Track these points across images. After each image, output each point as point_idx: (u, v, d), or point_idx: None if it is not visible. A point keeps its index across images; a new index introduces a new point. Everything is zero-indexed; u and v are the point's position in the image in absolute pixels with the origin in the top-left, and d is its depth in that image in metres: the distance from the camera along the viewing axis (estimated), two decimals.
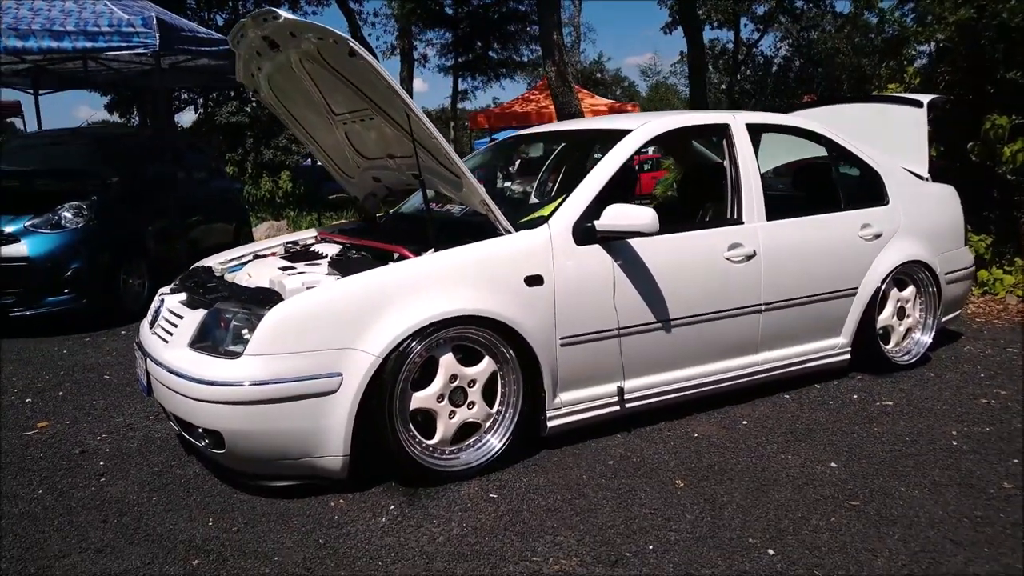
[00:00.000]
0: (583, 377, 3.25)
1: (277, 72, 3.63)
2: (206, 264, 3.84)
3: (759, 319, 3.70)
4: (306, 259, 3.57)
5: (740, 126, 3.84)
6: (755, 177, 3.76)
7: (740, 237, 3.62)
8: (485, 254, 3.06)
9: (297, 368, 2.70)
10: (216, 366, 2.74)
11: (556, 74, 10.15)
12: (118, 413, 3.89)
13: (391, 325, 2.80)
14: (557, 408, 3.20)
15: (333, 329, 2.76)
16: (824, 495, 2.82)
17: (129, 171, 6.78)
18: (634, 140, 3.53)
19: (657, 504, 2.76)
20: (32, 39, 5.92)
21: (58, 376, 4.61)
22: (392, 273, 2.92)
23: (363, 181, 4.14)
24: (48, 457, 3.34)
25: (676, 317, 3.42)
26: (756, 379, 3.79)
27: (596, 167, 3.41)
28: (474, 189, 3.10)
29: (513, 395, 3.09)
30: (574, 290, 3.16)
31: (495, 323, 2.97)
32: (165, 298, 3.35)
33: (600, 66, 44.88)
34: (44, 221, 5.77)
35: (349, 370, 2.75)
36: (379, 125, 3.44)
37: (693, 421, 3.56)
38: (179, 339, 2.97)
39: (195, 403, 2.74)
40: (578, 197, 3.29)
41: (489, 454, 3.04)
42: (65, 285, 5.76)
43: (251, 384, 2.66)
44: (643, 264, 3.33)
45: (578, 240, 3.20)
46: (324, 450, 2.78)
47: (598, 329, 3.23)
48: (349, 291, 2.83)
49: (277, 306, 2.75)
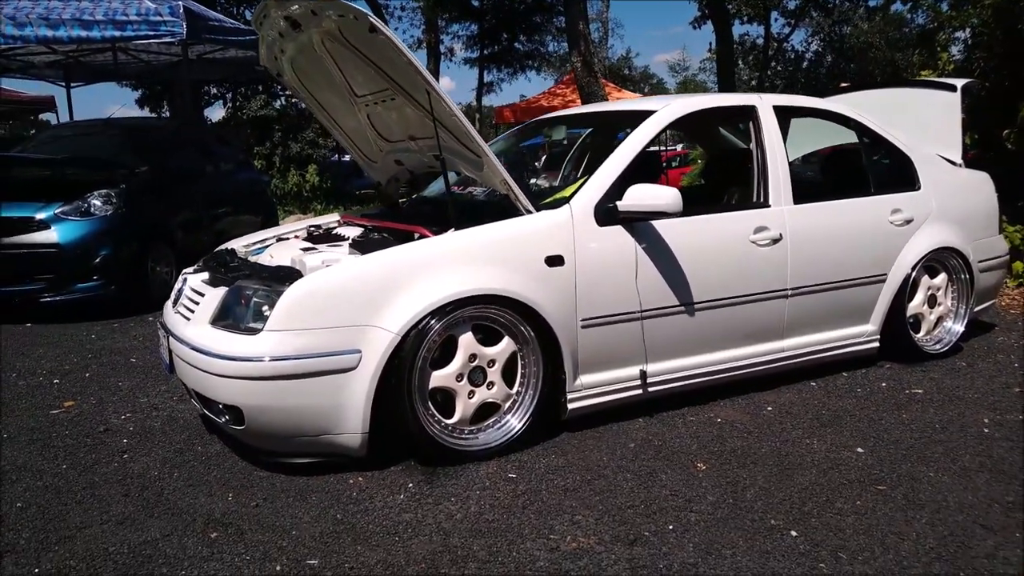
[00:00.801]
0: (604, 360, 3.21)
1: (299, 54, 3.63)
2: (229, 247, 3.86)
3: (785, 304, 3.63)
4: (328, 241, 3.57)
5: (767, 108, 3.77)
6: (782, 159, 3.70)
7: (766, 220, 3.56)
8: (506, 233, 3.04)
9: (316, 344, 2.70)
10: (236, 342, 2.74)
11: (582, 64, 10.08)
12: (143, 394, 3.93)
13: (410, 303, 2.79)
14: (578, 390, 3.16)
15: (352, 306, 2.75)
16: (849, 479, 2.76)
17: (157, 161, 6.83)
18: (658, 121, 3.49)
19: (678, 486, 2.72)
20: (63, 28, 6.01)
21: (85, 359, 4.67)
22: (412, 251, 2.91)
23: (386, 165, 4.13)
24: (73, 434, 3.37)
25: (700, 301, 3.37)
26: (781, 366, 3.73)
27: (619, 148, 3.36)
28: (495, 168, 3.08)
29: (533, 376, 3.07)
30: (595, 271, 3.13)
31: (515, 303, 2.95)
32: (188, 277, 3.37)
33: (628, 62, 44.64)
34: (74, 209, 5.82)
35: (368, 347, 2.74)
36: (401, 106, 3.43)
37: (716, 406, 3.51)
38: (200, 316, 2.98)
39: (215, 378, 2.75)
40: (600, 177, 3.25)
41: (508, 435, 3.02)
42: (94, 272, 5.81)
43: (270, 360, 2.67)
44: (666, 246, 3.28)
45: (600, 221, 3.17)
46: (343, 427, 2.77)
47: (620, 311, 3.19)
48: (368, 268, 2.82)
49: (297, 282, 2.75)
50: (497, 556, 2.29)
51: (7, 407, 3.77)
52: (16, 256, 5.66)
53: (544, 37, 25.82)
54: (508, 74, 27.55)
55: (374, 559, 2.28)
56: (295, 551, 2.34)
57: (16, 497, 2.75)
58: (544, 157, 12.61)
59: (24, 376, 4.33)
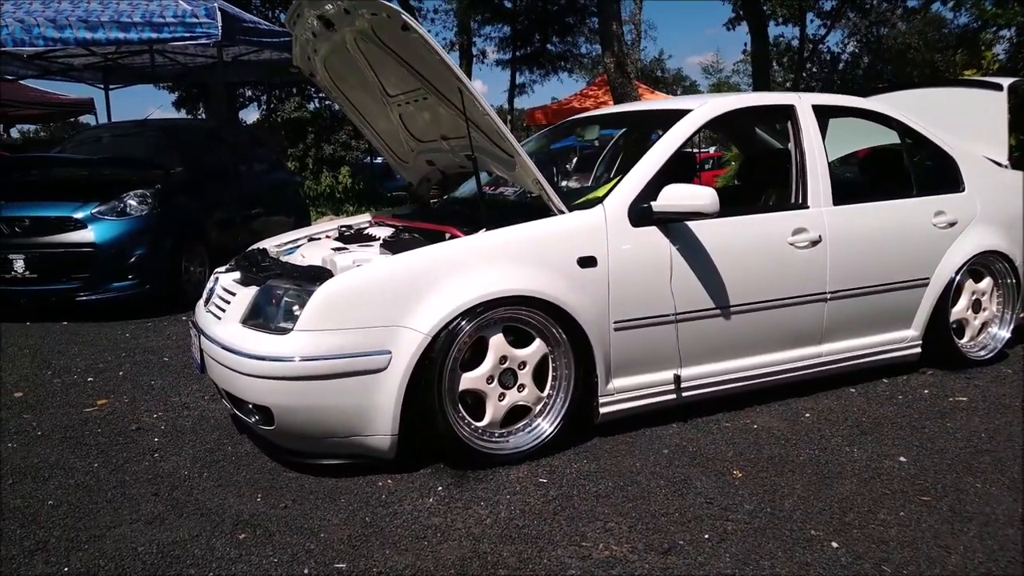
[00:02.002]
0: (638, 363, 3.15)
1: (332, 54, 3.63)
2: (261, 246, 3.86)
3: (824, 308, 3.54)
4: (359, 241, 3.56)
5: (806, 107, 3.68)
6: (821, 159, 3.61)
7: (805, 222, 3.47)
8: (537, 234, 2.99)
9: (346, 345, 2.67)
10: (267, 341, 2.73)
11: (615, 65, 9.99)
12: (174, 393, 3.95)
13: (441, 303, 2.75)
14: (610, 394, 3.10)
15: (383, 306, 2.72)
16: (892, 489, 2.66)
17: (192, 162, 6.90)
18: (694, 120, 3.42)
19: (713, 494, 2.65)
20: (101, 30, 6.08)
21: (119, 357, 4.71)
22: (442, 251, 2.87)
23: (417, 165, 4.12)
24: (105, 432, 3.39)
25: (736, 304, 3.29)
26: (820, 371, 3.63)
27: (653, 147, 3.30)
28: (528, 168, 3.03)
29: (564, 379, 3.02)
30: (629, 273, 3.07)
31: (547, 304, 2.90)
32: (220, 277, 3.37)
33: (660, 63, 44.34)
34: (110, 208, 5.89)
35: (398, 348, 2.71)
36: (433, 105, 3.41)
37: (752, 412, 3.43)
38: (231, 315, 2.98)
39: (245, 378, 2.74)
40: (634, 177, 3.19)
41: (539, 438, 2.97)
42: (129, 271, 5.88)
43: (301, 360, 2.65)
44: (702, 247, 3.21)
45: (634, 221, 3.11)
46: (372, 429, 2.75)
47: (654, 314, 3.12)
48: (399, 268, 2.79)
49: (327, 282, 2.73)
50: (527, 563, 2.24)
51: (42, 404, 3.81)
52: (53, 255, 5.75)
53: (577, 39, 25.74)
54: (540, 76, 27.54)
55: (403, 564, 2.25)
56: (323, 554, 2.31)
57: (48, 494, 2.76)
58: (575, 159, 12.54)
59: (59, 374, 4.38)
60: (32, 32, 6.17)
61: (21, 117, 14.87)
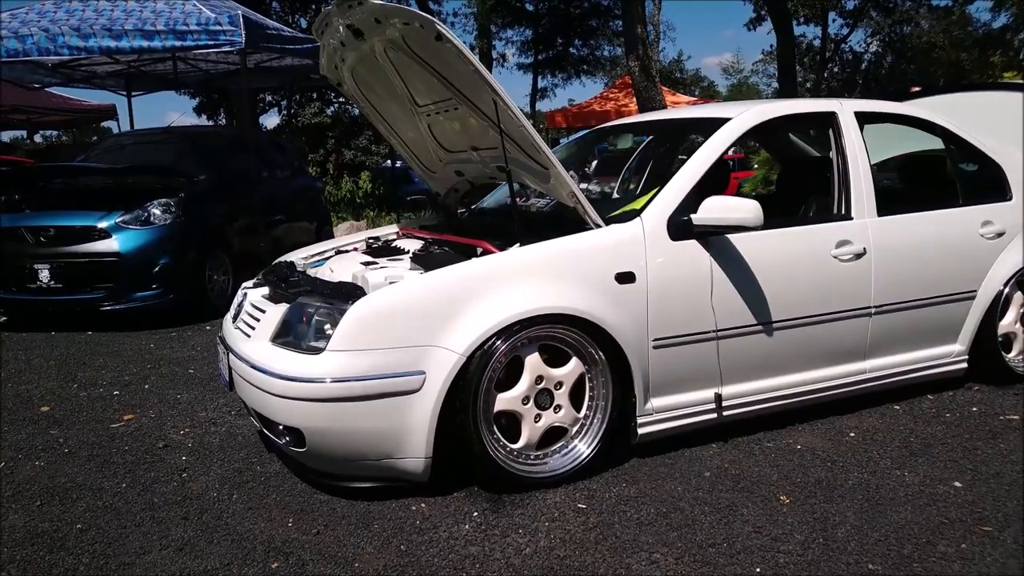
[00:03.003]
0: (677, 382, 3.05)
1: (360, 63, 3.55)
2: (288, 259, 3.80)
3: (868, 323, 3.41)
4: (388, 254, 3.48)
5: (848, 114, 3.56)
6: (865, 169, 3.49)
7: (849, 234, 3.36)
8: (574, 249, 2.90)
9: (379, 365, 2.59)
10: (298, 362, 2.65)
11: (640, 69, 9.87)
12: (201, 407, 3.89)
13: (475, 322, 2.67)
14: (649, 414, 3.00)
15: (416, 325, 2.64)
16: (950, 518, 2.54)
17: (215, 169, 6.87)
18: (733, 129, 3.31)
19: (761, 522, 2.54)
20: (125, 39, 6.06)
21: (145, 369, 4.67)
22: (476, 268, 2.79)
23: (445, 175, 4.03)
24: (132, 450, 3.34)
25: (779, 319, 3.18)
26: (863, 388, 3.51)
27: (692, 157, 3.19)
28: (563, 180, 2.94)
29: (602, 399, 2.92)
30: (668, 288, 2.97)
31: (583, 322, 2.80)
32: (248, 292, 3.31)
33: (680, 64, 44.04)
34: (134, 218, 5.87)
35: (432, 368, 2.62)
36: (464, 116, 3.32)
37: (795, 432, 3.31)
38: (261, 333, 2.90)
39: (276, 399, 2.67)
40: (673, 189, 3.09)
41: (576, 460, 2.87)
42: (153, 280, 5.86)
43: (332, 381, 2.57)
44: (743, 261, 3.11)
45: (673, 235, 3.00)
46: (406, 451, 2.66)
47: (694, 331, 3.02)
48: (432, 286, 2.71)
49: (360, 301, 2.65)
50: None
51: (69, 419, 3.76)
52: (78, 265, 5.74)
53: (600, 41, 25.59)
54: (562, 79, 27.42)
55: None
56: None
57: (76, 517, 2.70)
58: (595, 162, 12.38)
59: (85, 387, 4.34)
60: (57, 41, 6.17)
61: (46, 123, 14.98)
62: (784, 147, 4.85)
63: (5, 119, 13.87)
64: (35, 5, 6.53)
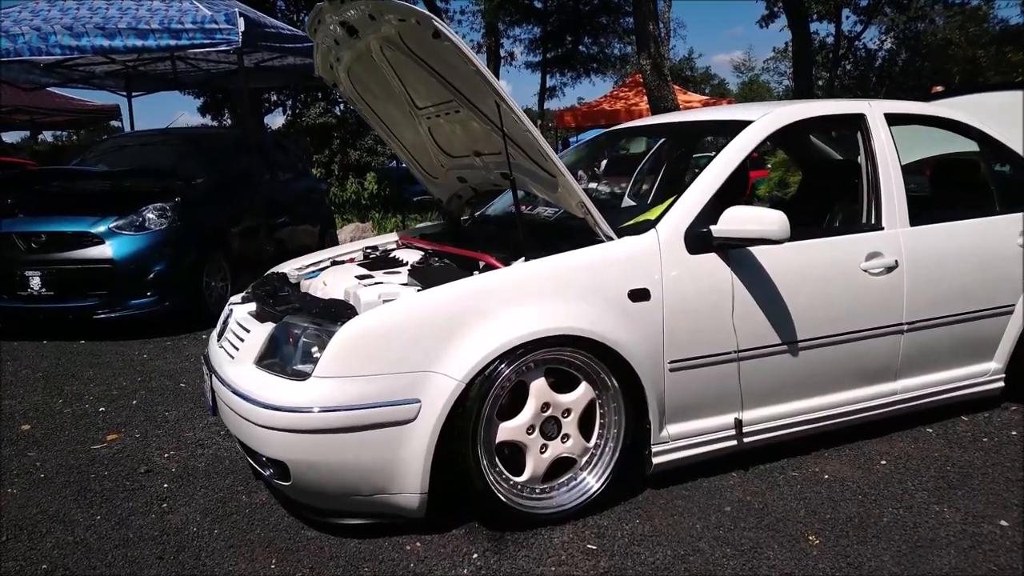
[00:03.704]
0: (695, 406, 2.82)
1: (356, 62, 3.34)
2: (281, 270, 3.59)
3: (900, 341, 3.17)
4: (385, 266, 3.27)
5: (878, 116, 3.32)
6: (896, 175, 3.25)
7: (880, 245, 3.12)
8: (584, 264, 2.67)
9: (371, 393, 2.37)
10: (282, 389, 2.44)
11: (651, 67, 9.60)
12: (189, 426, 3.68)
13: (477, 345, 2.44)
14: (664, 442, 2.78)
15: (412, 349, 2.42)
16: (999, 565, 2.30)
17: (215, 172, 6.68)
18: (756, 133, 3.07)
19: (790, 566, 2.31)
20: (119, 38, 5.87)
21: (135, 383, 4.47)
22: (478, 285, 2.56)
23: (447, 181, 3.81)
24: (112, 476, 3.13)
25: (804, 338, 2.94)
26: (894, 410, 3.27)
27: (711, 164, 2.96)
28: (572, 189, 2.72)
29: (614, 427, 2.69)
30: (686, 306, 2.74)
31: (594, 344, 2.58)
32: (234, 308, 3.10)
33: (690, 62, 43.66)
34: (128, 223, 5.67)
35: (428, 396, 2.40)
36: (465, 119, 3.11)
37: (821, 459, 3.08)
38: (245, 355, 2.69)
39: (259, 429, 2.45)
40: (691, 198, 2.86)
41: (585, 494, 2.65)
42: (148, 287, 5.67)
43: (320, 410, 2.35)
44: (766, 276, 2.87)
45: (691, 248, 2.77)
46: (400, 486, 2.44)
47: (714, 352, 2.79)
48: (429, 305, 2.49)
49: (350, 322, 2.43)
50: None
51: (49, 440, 3.57)
52: (70, 272, 5.55)
53: (610, 39, 25.23)
54: (572, 78, 27.09)
55: None
56: None
57: (43, 555, 2.50)
58: (604, 162, 12.10)
59: (71, 402, 4.15)
60: (49, 40, 5.98)
61: (49, 124, 14.85)
62: (804, 149, 4.60)
63: (8, 119, 13.74)
64: (28, 3, 6.34)
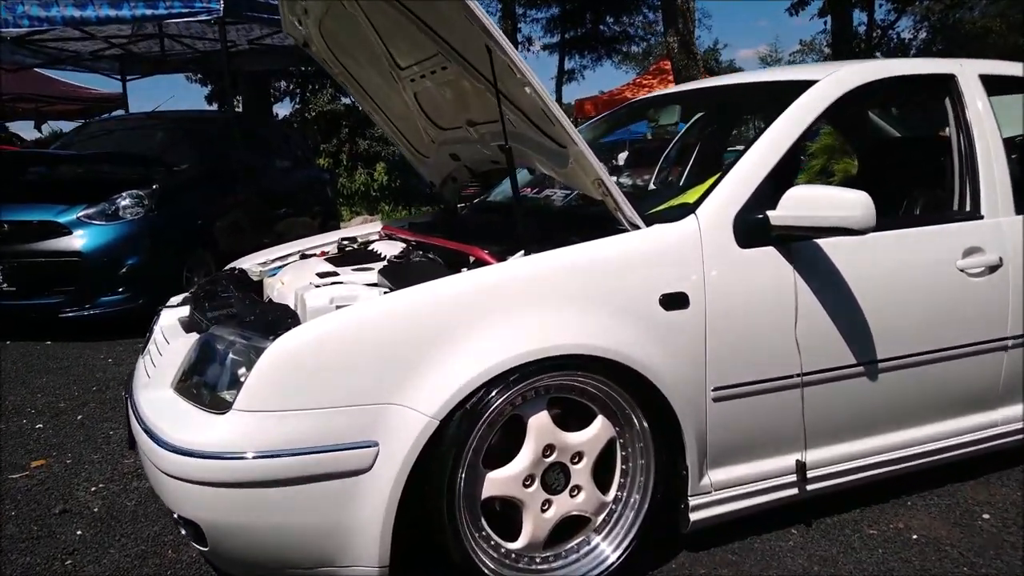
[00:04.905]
0: (746, 446, 2.17)
1: (328, 16, 2.73)
2: (242, 266, 3.01)
3: (1003, 359, 2.50)
4: (359, 261, 2.66)
5: (972, 78, 2.64)
6: (998, 151, 2.57)
7: (980, 238, 2.44)
8: (601, 260, 2.03)
9: (310, 433, 1.76)
10: (194, 425, 1.83)
11: (679, 44, 8.86)
12: (129, 452, 3.09)
13: (456, 368, 1.82)
14: (705, 492, 2.13)
15: (367, 372, 1.80)
16: None
17: (202, 158, 6.17)
18: (823, 93, 2.39)
19: None
20: (91, 7, 5.34)
21: (88, 393, 3.91)
22: (460, 286, 1.93)
23: (440, 160, 3.19)
24: (20, 517, 2.55)
25: (886, 357, 2.28)
26: (992, 446, 2.59)
27: (767, 132, 2.30)
28: (587, 163, 2.08)
29: (640, 475, 2.05)
30: (736, 316, 2.09)
31: (614, 366, 1.94)
32: (163, 313, 2.51)
33: (716, 54, 42.59)
34: (99, 212, 5.13)
35: (390, 437, 1.78)
36: (454, 77, 2.48)
37: (905, 511, 2.42)
38: (161, 376, 2.09)
39: (164, 478, 1.84)
40: (741, 175, 2.20)
41: (601, 566, 2.01)
42: (120, 283, 5.13)
43: (235, 457, 1.73)
44: (840, 277, 2.22)
45: (742, 240, 2.13)
46: (352, 557, 1.82)
47: (771, 375, 2.14)
48: (395, 313, 1.86)
49: (284, 336, 1.81)
50: None
51: None
52: (34, 265, 5.01)
53: (634, 17, 24.17)
54: (592, 60, 26.07)
55: None
56: None
57: None
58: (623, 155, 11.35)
59: (9, 416, 3.59)
60: (16, 11, 5.46)
61: (55, 113, 14.41)
62: (862, 126, 3.91)
63: (11, 108, 13.33)
64: None
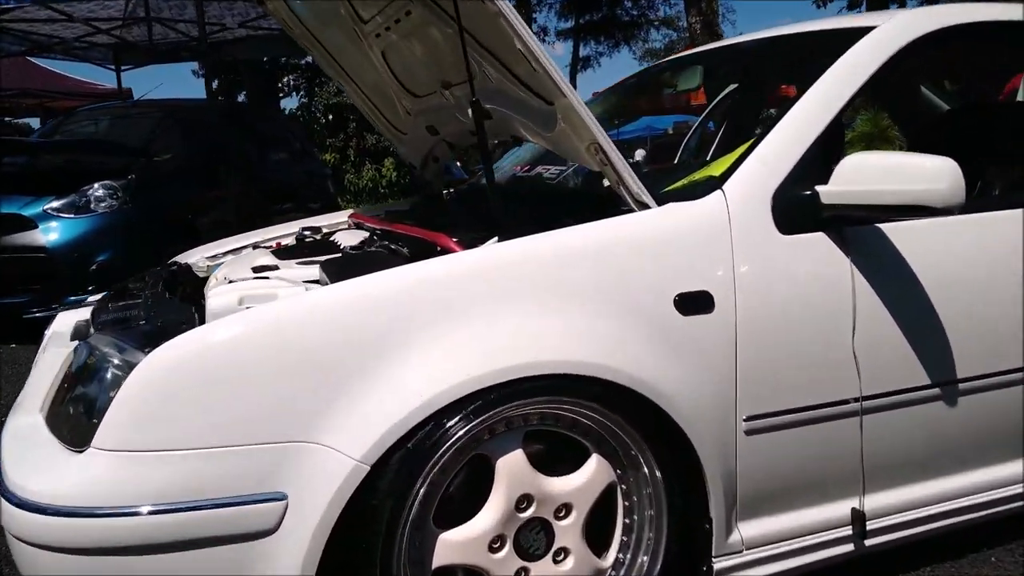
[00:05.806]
0: (787, 492, 1.67)
1: None
2: (189, 260, 2.60)
3: None
4: (316, 253, 2.20)
5: None
6: None
7: None
8: (597, 248, 1.55)
9: (190, 481, 1.29)
10: (45, 467, 1.37)
11: (702, 25, 8.37)
12: None
13: (394, 392, 1.34)
14: (735, 551, 1.63)
15: (273, 398, 1.32)
16: None
17: (187, 148, 5.84)
18: (883, 43, 1.88)
19: None
20: None
21: None
22: (400, 281, 1.45)
23: (417, 136, 2.71)
24: None
25: (969, 376, 1.78)
26: None
27: (814, 88, 1.79)
28: (578, 120, 1.59)
29: (649, 529, 1.56)
30: (775, 322, 1.59)
31: (613, 389, 1.45)
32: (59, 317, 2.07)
33: None
34: (68, 204, 4.81)
35: (302, 488, 1.31)
36: (423, 25, 2.01)
37: (988, 567, 1.91)
38: (33, 396, 1.64)
39: (11, 539, 1.38)
40: (782, 140, 1.70)
41: None
42: (90, 280, 4.76)
43: (85, 515, 1.27)
44: (909, 272, 1.71)
45: (784, 223, 1.62)
46: None
47: (821, 400, 1.63)
48: (311, 319, 1.39)
49: (160, 348, 1.34)
50: None
51: None
52: None
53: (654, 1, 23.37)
54: (608, 47, 25.32)
55: None
56: None
57: None
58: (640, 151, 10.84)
59: None
60: None
61: (60, 108, 14.26)
62: (911, 98, 3.36)
63: (15, 104, 13.14)
64: None
